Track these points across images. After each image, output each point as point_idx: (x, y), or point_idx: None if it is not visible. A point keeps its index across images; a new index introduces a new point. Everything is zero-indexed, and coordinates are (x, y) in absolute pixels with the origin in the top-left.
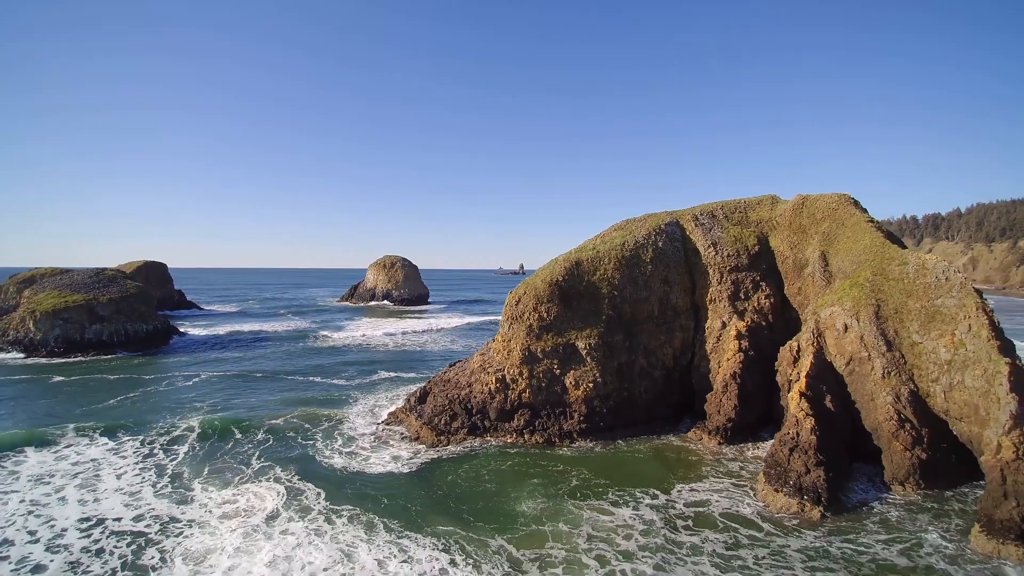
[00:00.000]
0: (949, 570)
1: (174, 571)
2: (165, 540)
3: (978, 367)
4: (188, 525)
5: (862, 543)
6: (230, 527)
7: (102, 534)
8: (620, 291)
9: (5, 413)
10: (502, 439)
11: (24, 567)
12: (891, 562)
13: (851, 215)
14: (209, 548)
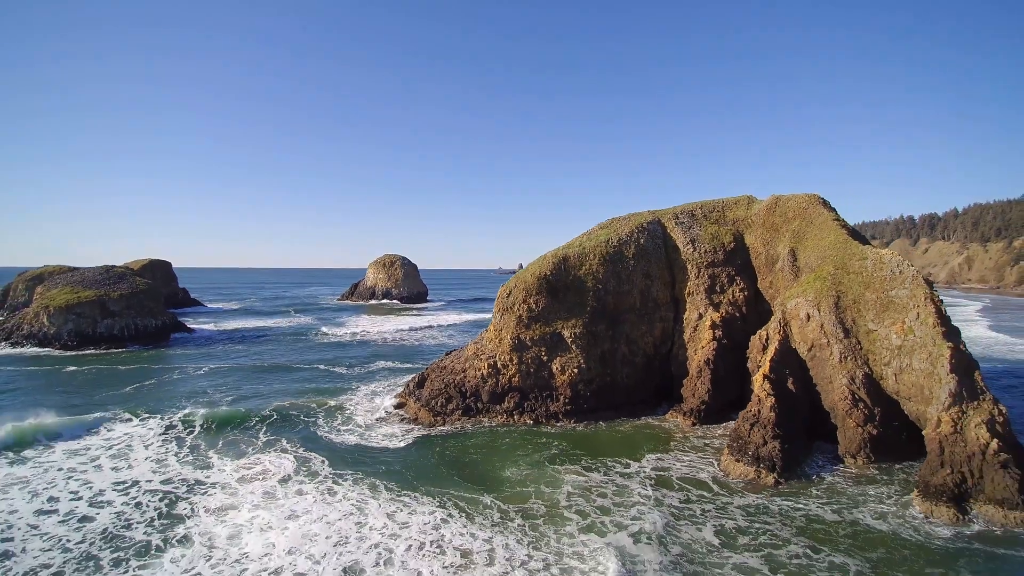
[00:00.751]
0: (874, 524)
1: (203, 521)
2: (192, 497)
3: (924, 351)
4: (211, 486)
5: (801, 503)
6: (249, 488)
7: (138, 492)
8: (604, 284)
9: (28, 400)
10: (493, 420)
11: (72, 518)
12: (821, 517)
13: (819, 214)
14: (232, 504)
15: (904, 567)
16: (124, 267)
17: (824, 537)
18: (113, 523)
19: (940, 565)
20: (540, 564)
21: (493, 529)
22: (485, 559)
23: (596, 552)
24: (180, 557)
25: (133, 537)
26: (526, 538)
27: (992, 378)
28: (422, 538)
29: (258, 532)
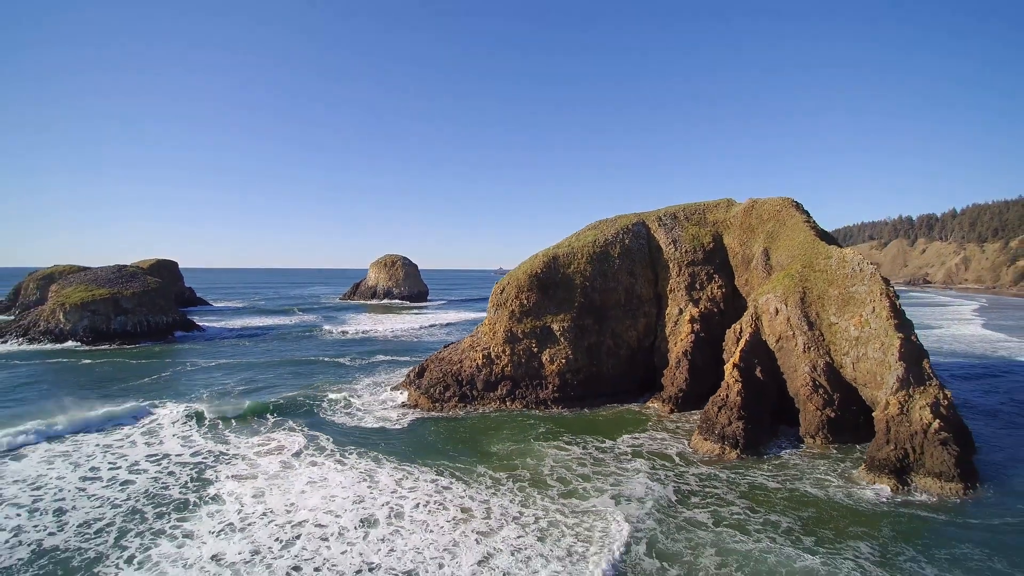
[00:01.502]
0: (812, 491)
1: (230, 485)
2: (218, 466)
3: (878, 341)
4: (233, 458)
5: (750, 474)
6: (266, 460)
7: (169, 463)
8: (591, 282)
9: (53, 390)
10: (487, 406)
11: (115, 483)
12: (765, 485)
13: (791, 216)
14: (253, 473)
15: (830, 524)
16: (134, 266)
17: (763, 500)
18: (152, 486)
19: (863, 524)
20: (531, 519)
21: (488, 492)
22: (483, 514)
23: (576, 509)
24: (214, 512)
25: (171, 496)
26: (516, 499)
27: (970, 370)
28: (427, 499)
29: (280, 494)
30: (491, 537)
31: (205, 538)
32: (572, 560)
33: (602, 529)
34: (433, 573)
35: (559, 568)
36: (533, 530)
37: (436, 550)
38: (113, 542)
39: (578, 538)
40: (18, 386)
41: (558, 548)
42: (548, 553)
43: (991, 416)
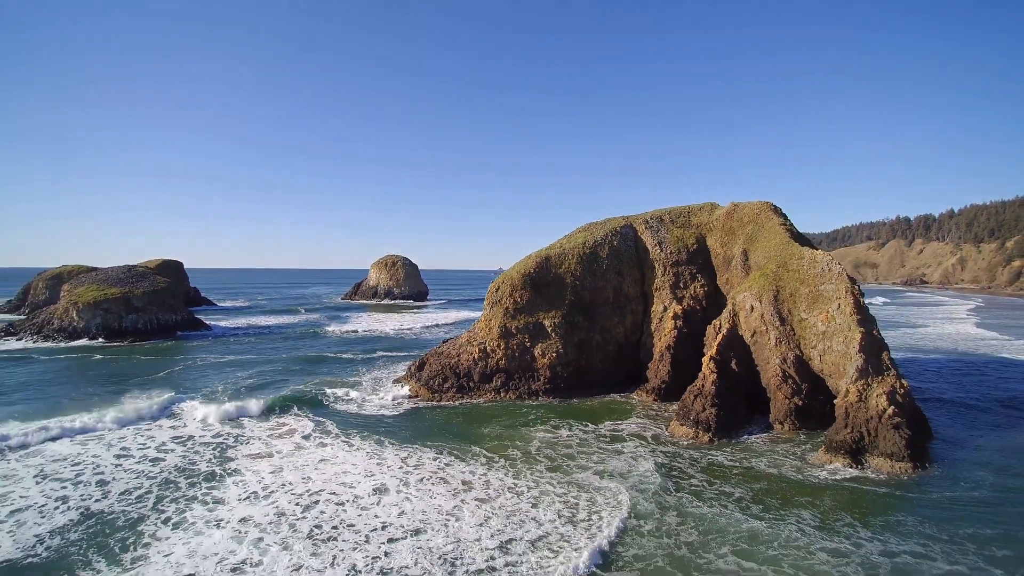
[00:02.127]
0: (766, 468)
1: (250, 461)
2: (238, 446)
3: (841, 335)
4: (250, 440)
5: (714, 453)
6: (280, 442)
7: (193, 444)
8: (581, 281)
9: (73, 384)
10: (483, 397)
11: (146, 460)
12: (722, 462)
13: (769, 219)
14: (269, 452)
15: (778, 495)
16: (142, 266)
17: (719, 474)
18: (180, 461)
19: (808, 496)
20: (523, 489)
21: (484, 468)
22: (482, 485)
23: (562, 481)
24: (239, 482)
25: (199, 469)
26: (510, 473)
27: (948, 365)
28: (430, 474)
29: (295, 469)
30: (489, 503)
31: (233, 504)
32: (560, 522)
33: (587, 499)
34: (440, 531)
35: (550, 528)
36: (526, 498)
37: (441, 514)
38: (152, 506)
39: (566, 505)
40: (41, 381)
41: (549, 512)
42: (540, 516)
43: (956, 406)
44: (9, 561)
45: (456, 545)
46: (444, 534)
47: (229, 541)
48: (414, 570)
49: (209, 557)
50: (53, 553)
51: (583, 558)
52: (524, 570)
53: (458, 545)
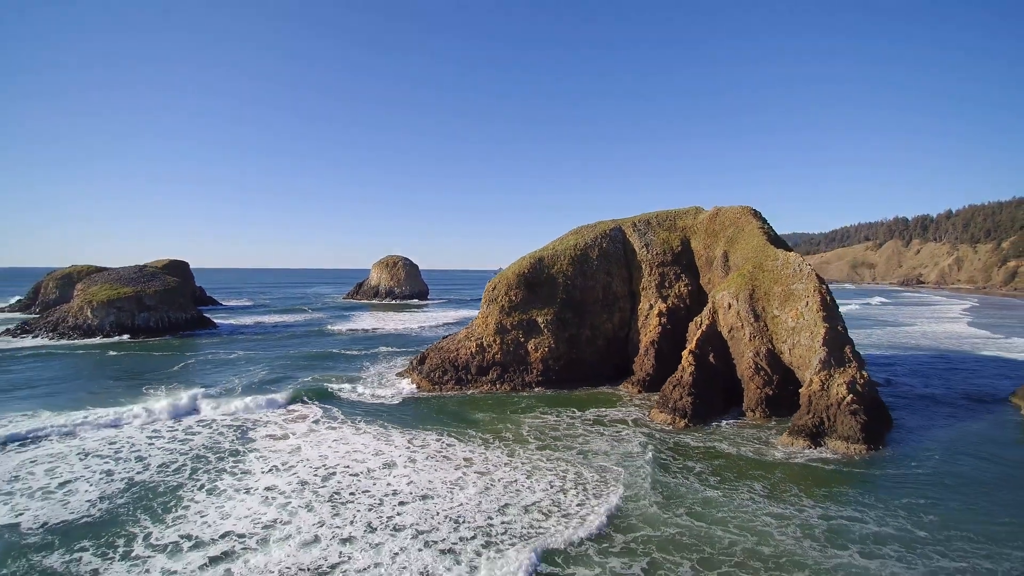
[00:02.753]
0: (727, 448)
1: (269, 442)
2: (257, 428)
3: (808, 330)
4: (268, 423)
5: (681, 435)
6: (295, 425)
7: (216, 426)
8: (572, 281)
9: (92, 378)
10: (480, 388)
11: (175, 439)
12: (687, 443)
13: (749, 223)
14: (285, 434)
15: (734, 470)
16: (152, 266)
17: (685, 452)
18: (207, 442)
19: (762, 471)
20: (518, 464)
21: (481, 447)
22: (481, 461)
23: (551, 458)
24: (261, 458)
25: (224, 447)
26: (505, 451)
27: (924, 360)
28: (434, 452)
29: (311, 447)
30: (488, 476)
31: (258, 475)
32: (552, 491)
33: (576, 469)
34: (446, 497)
35: (542, 495)
36: (521, 471)
37: (446, 484)
38: (187, 476)
39: (556, 476)
40: (64, 376)
41: (541, 483)
42: (533, 486)
43: (923, 398)
44: (66, 522)
45: (460, 508)
46: (449, 499)
47: (259, 505)
48: (423, 527)
49: (242, 518)
50: (105, 514)
51: (573, 522)
52: (518, 529)
53: (462, 507)
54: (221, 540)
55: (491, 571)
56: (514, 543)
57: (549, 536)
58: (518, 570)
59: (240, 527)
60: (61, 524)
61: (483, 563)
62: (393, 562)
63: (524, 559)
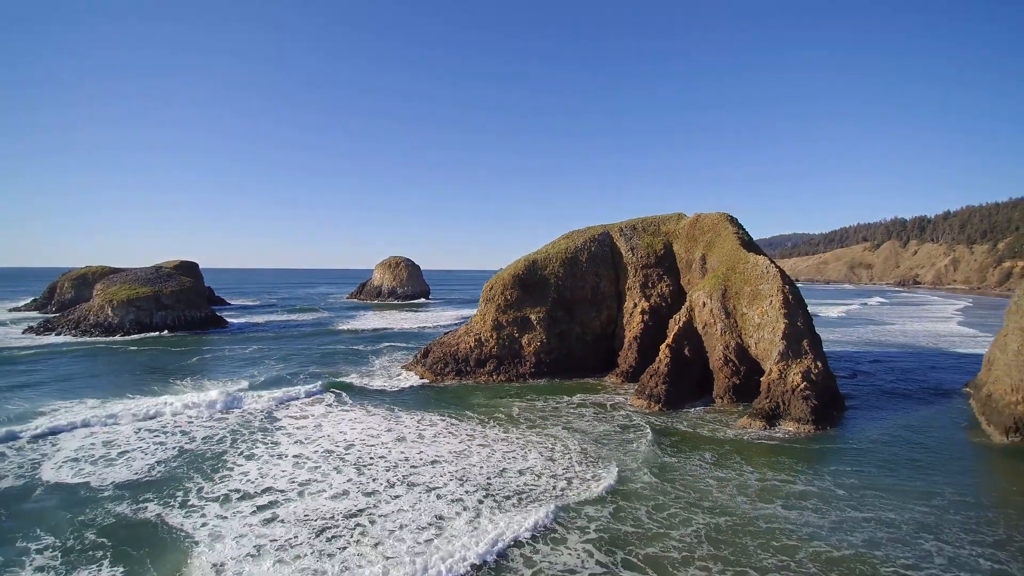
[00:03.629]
0: (685, 428)
1: (293, 421)
2: (280, 412)
3: (771, 326)
4: (288, 406)
5: (653, 417)
6: (313, 408)
7: (244, 410)
8: (563, 281)
9: (120, 372)
10: (477, 379)
11: (212, 419)
12: (656, 423)
13: (725, 228)
14: (306, 415)
15: (691, 444)
16: (169, 268)
17: (652, 430)
18: (239, 421)
19: (712, 444)
20: (512, 438)
21: (480, 426)
22: (481, 436)
23: (541, 434)
24: (288, 434)
25: (255, 425)
26: (501, 429)
27: (895, 356)
28: (441, 429)
29: (330, 425)
30: (489, 447)
31: (287, 446)
32: (543, 457)
33: (563, 442)
34: (452, 462)
35: (536, 461)
36: (516, 444)
37: (451, 452)
38: (228, 446)
39: (545, 448)
40: (93, 372)
41: (532, 453)
42: (526, 455)
43: (883, 388)
44: (131, 480)
45: (464, 470)
46: (454, 464)
47: (292, 468)
48: (434, 484)
49: (280, 478)
50: (162, 474)
51: (560, 483)
52: (513, 487)
53: (466, 470)
54: (264, 493)
55: (491, 515)
56: (509, 497)
57: (539, 491)
58: (515, 517)
59: (279, 484)
60: (126, 482)
61: (484, 510)
62: (412, 509)
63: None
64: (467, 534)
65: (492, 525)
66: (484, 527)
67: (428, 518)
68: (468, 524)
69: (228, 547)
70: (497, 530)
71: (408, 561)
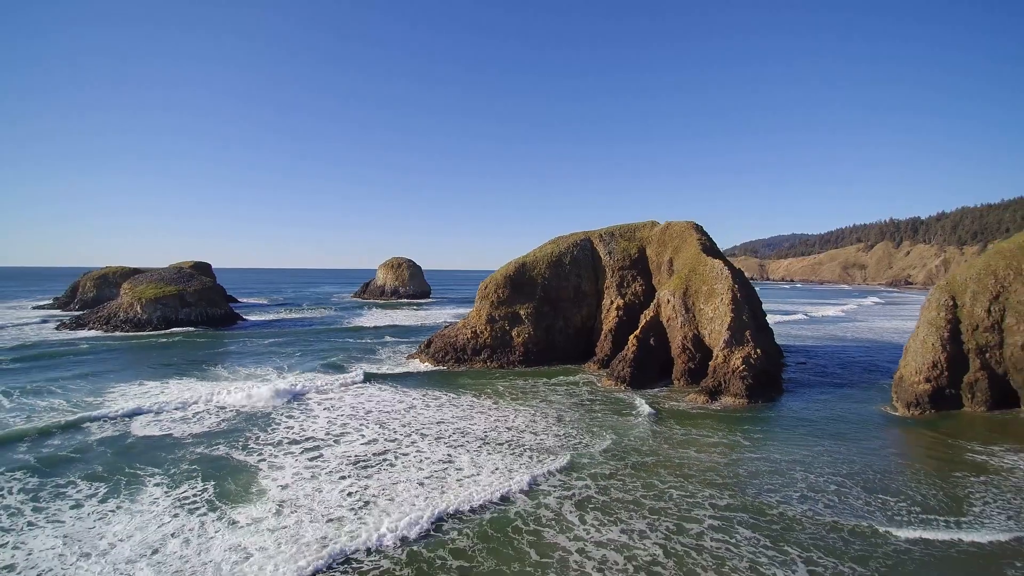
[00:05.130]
0: (643, 401)
1: (319, 396)
2: (306, 390)
3: (720, 319)
4: (311, 387)
5: (617, 393)
6: (333, 388)
7: (280, 388)
8: (549, 281)
9: (160, 361)
10: (473, 366)
11: (263, 395)
12: (618, 397)
13: (690, 235)
14: (328, 392)
15: (635, 410)
16: (190, 269)
17: (613, 402)
18: (272, 397)
19: (663, 412)
20: (502, 408)
21: (476, 399)
22: (477, 407)
23: (525, 405)
24: (317, 404)
25: (289, 400)
26: (491, 402)
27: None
28: (444, 402)
29: (352, 399)
30: (484, 414)
31: (319, 412)
32: (527, 420)
33: (543, 411)
34: (454, 423)
35: (521, 423)
36: (505, 412)
37: (454, 417)
38: (272, 412)
39: (528, 415)
40: (139, 361)
41: (519, 417)
42: (516, 418)
43: (822, 373)
44: (202, 432)
45: (465, 427)
46: (456, 424)
47: (327, 425)
48: (442, 435)
49: (319, 431)
50: (226, 428)
51: (539, 436)
52: (504, 439)
53: (466, 427)
54: (308, 441)
55: (488, 455)
56: (500, 444)
57: (524, 444)
58: (506, 457)
59: (319, 435)
60: (200, 433)
61: (483, 452)
62: (428, 450)
63: (510, 460)
64: (470, 465)
65: (489, 460)
66: (483, 462)
67: (441, 455)
68: (471, 459)
69: (287, 472)
70: (492, 463)
71: (431, 476)
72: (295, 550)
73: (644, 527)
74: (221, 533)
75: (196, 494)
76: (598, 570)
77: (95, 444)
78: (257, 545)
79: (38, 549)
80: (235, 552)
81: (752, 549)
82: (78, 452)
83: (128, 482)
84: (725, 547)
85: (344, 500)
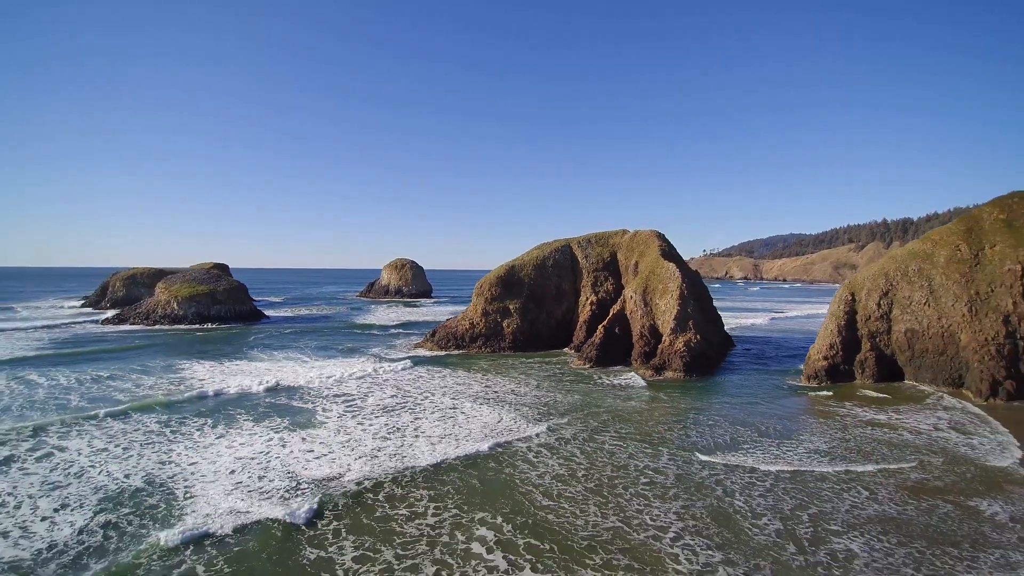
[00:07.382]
0: (603, 375)
1: (338, 380)
2: (334, 368)
3: (670, 311)
4: (337, 366)
5: (584, 371)
6: (354, 368)
7: (300, 373)
8: (534, 281)
9: (213, 350)
10: (471, 351)
11: (274, 386)
12: (584, 373)
13: (653, 242)
14: (352, 370)
15: (596, 381)
16: (217, 270)
17: (579, 376)
18: (294, 381)
19: (611, 381)
20: (493, 380)
21: (472, 373)
22: (474, 378)
23: (507, 377)
24: (347, 374)
25: (309, 382)
26: (484, 377)
27: (797, 336)
28: (446, 375)
29: (371, 373)
30: (479, 383)
31: (348, 381)
32: (513, 385)
33: (524, 381)
34: (456, 388)
35: (509, 387)
36: (496, 381)
37: (456, 383)
38: (315, 382)
39: (514, 383)
40: (187, 350)
41: (507, 385)
42: (503, 384)
43: (761, 357)
44: (264, 391)
45: (464, 389)
46: (458, 388)
47: (356, 387)
48: (448, 393)
49: (350, 392)
50: (282, 391)
51: (520, 396)
52: (498, 397)
53: (465, 389)
54: (344, 396)
55: (486, 408)
56: (489, 399)
57: (508, 400)
58: (498, 411)
59: (350, 393)
60: (264, 392)
61: (478, 403)
62: (439, 402)
63: (498, 409)
64: (471, 410)
65: (487, 408)
66: (480, 409)
67: (448, 405)
68: (472, 407)
69: (334, 414)
70: (488, 409)
71: (442, 420)
72: (351, 450)
73: (577, 440)
74: (299, 440)
75: (277, 425)
76: (548, 456)
77: (214, 403)
78: (325, 449)
79: (179, 452)
80: (309, 452)
81: (635, 450)
82: (207, 408)
83: (231, 421)
84: (619, 449)
85: (381, 430)
